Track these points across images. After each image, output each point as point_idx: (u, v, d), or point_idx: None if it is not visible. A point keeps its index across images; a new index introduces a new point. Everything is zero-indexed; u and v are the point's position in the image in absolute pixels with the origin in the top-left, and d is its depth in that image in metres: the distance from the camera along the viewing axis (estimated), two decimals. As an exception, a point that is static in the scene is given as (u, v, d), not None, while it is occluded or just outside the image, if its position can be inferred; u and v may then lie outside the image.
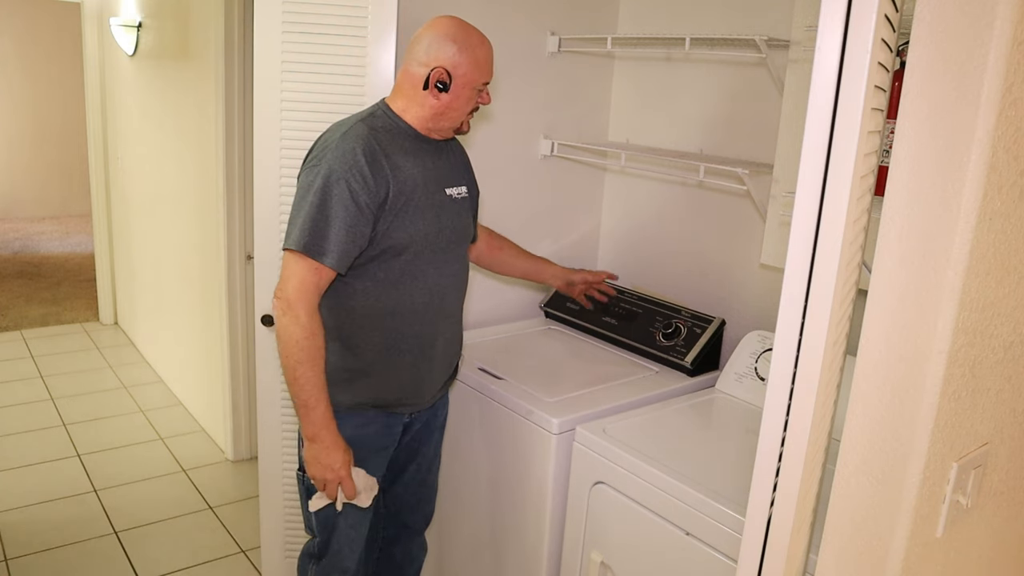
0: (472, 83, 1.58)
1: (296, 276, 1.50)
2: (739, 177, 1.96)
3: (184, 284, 3.60)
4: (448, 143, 1.73)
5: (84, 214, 7.53)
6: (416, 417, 1.81)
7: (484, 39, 1.60)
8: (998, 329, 0.96)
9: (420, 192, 1.59)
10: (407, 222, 1.57)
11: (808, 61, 1.74)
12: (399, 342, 1.65)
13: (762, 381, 1.90)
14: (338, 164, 1.50)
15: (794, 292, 0.88)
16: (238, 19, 2.89)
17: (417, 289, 1.63)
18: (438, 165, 1.67)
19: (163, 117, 3.66)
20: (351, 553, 1.76)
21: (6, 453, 3.16)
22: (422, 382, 1.72)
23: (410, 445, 1.84)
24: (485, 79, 1.60)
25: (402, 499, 1.91)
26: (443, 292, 1.68)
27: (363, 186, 1.50)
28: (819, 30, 0.82)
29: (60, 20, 7.33)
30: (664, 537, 1.53)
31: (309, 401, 1.53)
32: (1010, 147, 0.86)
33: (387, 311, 1.62)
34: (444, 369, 1.78)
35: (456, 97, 1.58)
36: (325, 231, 1.49)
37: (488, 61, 1.60)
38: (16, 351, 4.29)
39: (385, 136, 1.58)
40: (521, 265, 2.12)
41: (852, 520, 0.99)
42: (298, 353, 1.50)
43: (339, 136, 1.55)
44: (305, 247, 1.49)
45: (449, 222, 1.67)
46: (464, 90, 1.58)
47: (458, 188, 1.72)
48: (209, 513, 2.83)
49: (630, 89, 2.44)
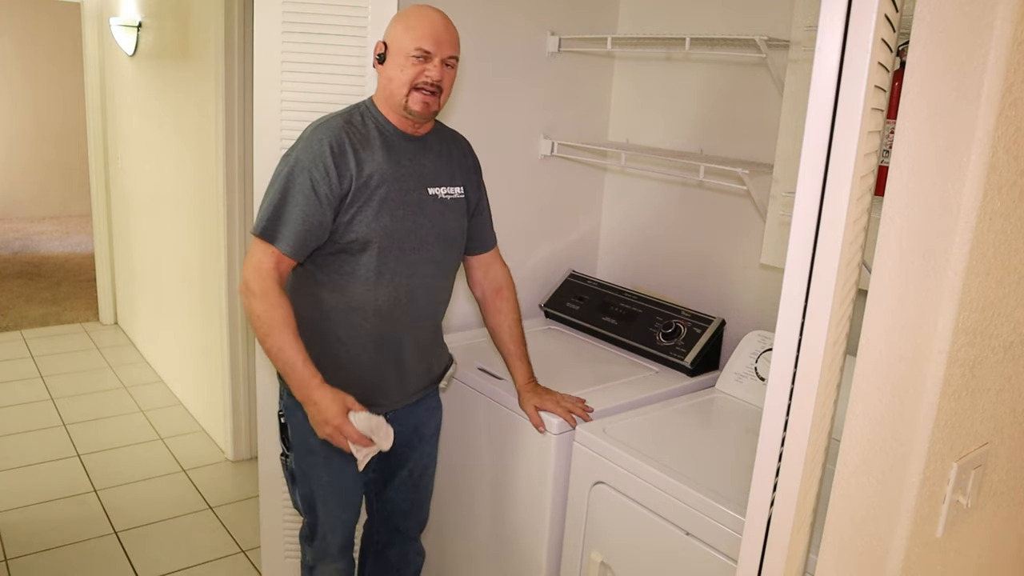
0: (403, 50, 1.54)
1: (253, 258, 1.56)
2: (739, 177, 1.96)
3: (184, 284, 3.60)
4: (444, 144, 1.71)
5: (84, 214, 7.53)
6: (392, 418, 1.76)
7: (429, 12, 1.56)
8: (998, 329, 0.96)
9: (389, 189, 1.58)
10: (371, 217, 1.57)
11: (808, 61, 1.74)
12: (363, 338, 1.65)
13: (762, 381, 1.90)
14: (304, 155, 1.55)
15: (794, 292, 0.88)
16: (238, 19, 2.89)
17: (383, 287, 1.62)
18: (421, 163, 1.65)
19: (163, 117, 3.66)
20: (337, 536, 1.78)
21: (6, 453, 3.15)
22: (387, 382, 1.71)
23: (398, 449, 1.81)
24: (416, 44, 1.53)
25: (394, 503, 1.89)
26: (412, 293, 1.65)
27: (324, 177, 1.53)
28: (819, 30, 0.82)
29: (60, 20, 7.33)
30: (664, 537, 1.53)
31: (286, 367, 1.55)
32: (1010, 147, 0.86)
33: (351, 306, 1.62)
34: (419, 373, 1.75)
35: (390, 66, 1.57)
36: (283, 217, 1.54)
37: (423, 28, 1.54)
38: (16, 351, 4.29)
39: (360, 131, 1.59)
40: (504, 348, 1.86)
41: (852, 520, 0.99)
42: (263, 325, 1.54)
43: (312, 128, 1.60)
44: (263, 231, 1.55)
45: (426, 222, 1.64)
46: (397, 57, 1.56)
47: (447, 189, 1.69)
48: (209, 513, 2.83)
49: (630, 89, 2.44)
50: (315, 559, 1.82)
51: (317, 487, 1.71)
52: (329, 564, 1.82)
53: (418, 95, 1.56)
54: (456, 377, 2.03)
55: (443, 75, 1.57)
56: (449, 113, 2.20)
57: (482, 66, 2.23)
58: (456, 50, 1.59)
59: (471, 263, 1.86)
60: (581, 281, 2.44)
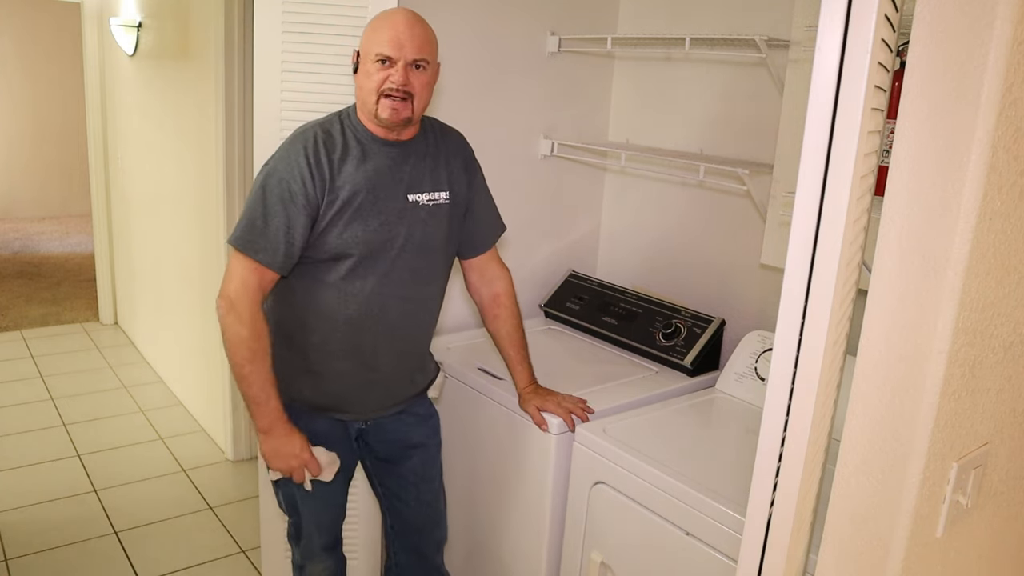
0: (368, 55, 1.51)
1: (237, 275, 1.52)
2: (739, 177, 1.96)
3: (184, 284, 3.60)
4: (431, 146, 1.66)
5: (84, 214, 7.53)
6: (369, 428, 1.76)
7: (392, 15, 1.51)
8: (998, 329, 0.96)
9: (364, 199, 1.55)
10: (341, 229, 1.54)
11: (808, 61, 1.74)
12: (334, 347, 1.63)
13: (762, 381, 1.90)
14: (281, 165, 1.52)
15: (794, 292, 0.88)
16: (238, 19, 2.89)
17: (352, 296, 1.59)
18: (402, 170, 1.60)
19: (163, 117, 3.66)
20: (322, 536, 1.78)
21: (6, 453, 3.15)
22: (360, 391, 1.69)
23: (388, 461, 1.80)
24: (377, 49, 1.49)
25: (404, 518, 1.86)
26: (383, 303, 1.62)
27: (302, 187, 1.50)
28: (819, 30, 0.82)
29: (60, 20, 7.33)
30: (664, 537, 1.53)
31: (259, 397, 1.54)
32: (1010, 147, 0.86)
33: (322, 314, 1.60)
34: (397, 384, 1.73)
35: (360, 74, 1.54)
36: (263, 230, 1.51)
37: (384, 32, 1.49)
38: (16, 351, 4.29)
39: (337, 139, 1.56)
40: (505, 353, 1.85)
41: (852, 520, 0.99)
42: (245, 352, 1.51)
43: (290, 138, 1.57)
44: (243, 244, 1.51)
45: (404, 230, 1.60)
46: (364, 63, 1.53)
47: (431, 195, 1.64)
48: (209, 513, 2.83)
49: (630, 89, 2.44)
50: (303, 558, 1.82)
51: (298, 488, 1.70)
52: (317, 563, 1.82)
53: (387, 102, 1.51)
54: (456, 377, 2.03)
55: (409, 79, 1.50)
56: (449, 113, 2.20)
57: (482, 66, 2.23)
58: (425, 52, 1.52)
59: (465, 267, 1.82)
60: (581, 281, 2.44)
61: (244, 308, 1.51)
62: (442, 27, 2.12)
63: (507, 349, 1.83)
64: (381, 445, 1.79)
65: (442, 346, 2.15)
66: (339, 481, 1.76)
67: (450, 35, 2.14)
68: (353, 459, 1.80)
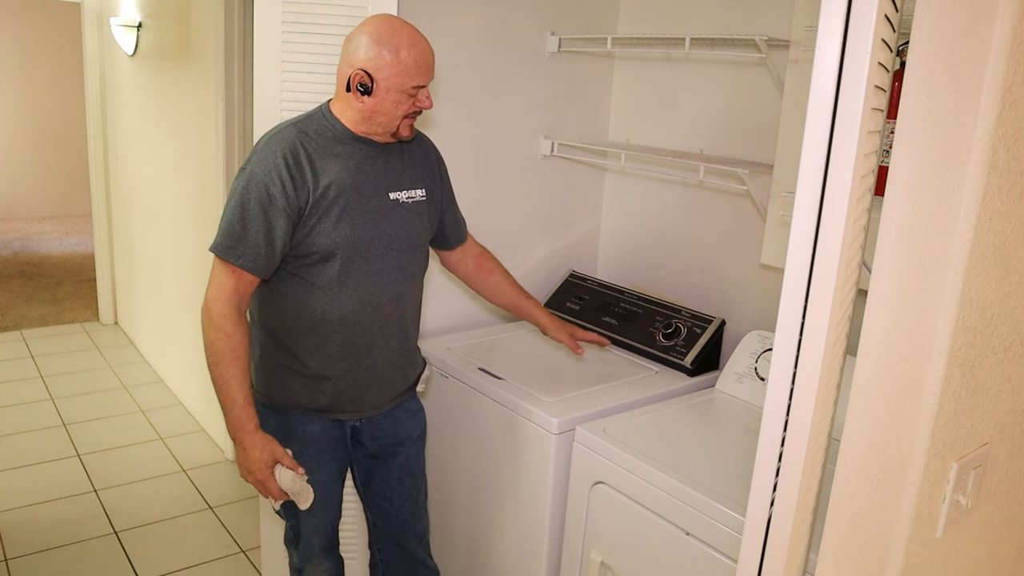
0: (398, 86, 1.49)
1: (215, 280, 1.53)
2: (739, 177, 1.96)
3: (184, 284, 3.60)
4: (403, 144, 1.66)
5: (84, 214, 7.53)
6: (363, 426, 1.76)
7: (416, 39, 1.50)
8: (998, 329, 0.96)
9: (348, 197, 1.54)
10: (330, 228, 1.53)
11: (808, 61, 1.74)
12: (330, 348, 1.62)
13: (762, 381, 1.90)
14: (259, 168, 1.50)
15: (794, 292, 0.88)
16: (238, 19, 2.89)
17: (346, 296, 1.59)
18: (382, 168, 1.60)
19: (163, 117, 3.66)
20: (320, 538, 1.79)
21: (6, 453, 3.15)
22: (359, 391, 1.69)
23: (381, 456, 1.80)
24: (415, 82, 1.50)
25: (387, 512, 1.85)
26: (378, 301, 1.62)
27: (282, 190, 1.49)
28: (819, 30, 0.82)
29: (60, 20, 7.32)
30: (664, 537, 1.53)
31: (225, 402, 1.56)
32: (1010, 147, 0.86)
33: (317, 317, 1.59)
34: (391, 380, 1.73)
35: (381, 101, 1.51)
36: (243, 235, 1.50)
37: (419, 63, 1.49)
38: (16, 351, 4.29)
39: (315, 139, 1.54)
40: (511, 297, 1.91)
41: (852, 520, 0.99)
42: (212, 355, 1.53)
43: (266, 140, 1.55)
44: (224, 250, 1.51)
45: (389, 228, 1.61)
46: (390, 94, 1.50)
47: (409, 192, 1.65)
48: (209, 513, 2.83)
49: (630, 89, 2.44)
50: (301, 561, 1.81)
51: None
52: (316, 566, 1.81)
53: (408, 121, 1.56)
54: (456, 377, 2.03)
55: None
56: (449, 113, 2.20)
57: (482, 66, 2.23)
58: None
59: (445, 255, 1.88)
60: (581, 281, 2.44)
61: (215, 311, 1.51)
62: (442, 27, 2.13)
63: (510, 295, 1.91)
64: (373, 442, 1.79)
65: (442, 346, 2.15)
66: (336, 482, 1.76)
67: (450, 35, 2.14)
68: (348, 458, 1.80)
